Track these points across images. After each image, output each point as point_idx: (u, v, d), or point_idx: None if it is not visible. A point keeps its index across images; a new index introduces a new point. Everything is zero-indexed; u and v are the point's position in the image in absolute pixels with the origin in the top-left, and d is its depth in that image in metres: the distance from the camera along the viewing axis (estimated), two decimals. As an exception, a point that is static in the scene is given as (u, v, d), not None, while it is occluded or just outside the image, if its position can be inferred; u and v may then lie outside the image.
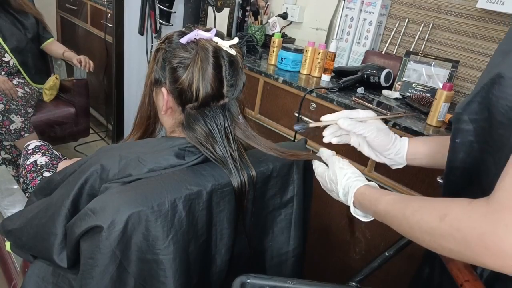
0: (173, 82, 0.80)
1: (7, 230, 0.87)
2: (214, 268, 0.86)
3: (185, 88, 0.79)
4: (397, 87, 1.59)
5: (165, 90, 0.83)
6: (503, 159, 0.54)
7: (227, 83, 0.80)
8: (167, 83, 0.82)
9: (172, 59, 0.80)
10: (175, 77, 0.80)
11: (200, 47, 0.78)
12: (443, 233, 0.53)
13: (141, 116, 0.93)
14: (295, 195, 0.95)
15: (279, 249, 0.97)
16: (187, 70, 0.78)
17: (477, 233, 0.49)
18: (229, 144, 0.82)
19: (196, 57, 0.78)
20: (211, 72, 0.77)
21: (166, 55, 0.82)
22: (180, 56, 0.79)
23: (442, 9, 1.63)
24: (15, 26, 2.14)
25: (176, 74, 0.79)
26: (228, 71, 0.80)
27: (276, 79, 1.67)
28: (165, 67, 0.82)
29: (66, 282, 0.80)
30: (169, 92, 0.82)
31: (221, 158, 0.81)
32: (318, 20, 2.13)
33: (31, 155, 1.33)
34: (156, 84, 0.85)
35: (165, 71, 0.82)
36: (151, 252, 0.71)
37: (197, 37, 0.80)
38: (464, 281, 0.59)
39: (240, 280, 0.68)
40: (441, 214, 0.53)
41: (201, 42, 0.79)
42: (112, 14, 2.06)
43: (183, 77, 0.78)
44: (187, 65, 0.78)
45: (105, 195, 0.72)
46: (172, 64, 0.80)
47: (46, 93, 2.31)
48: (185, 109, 0.82)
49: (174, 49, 0.80)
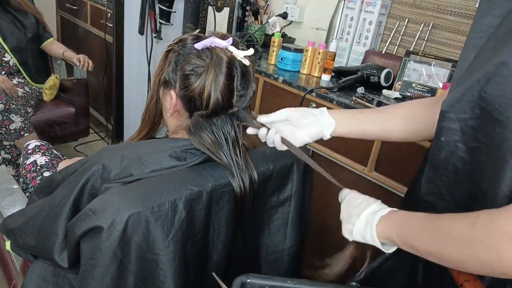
0: (184, 88, 0.80)
1: (8, 229, 0.88)
2: (210, 264, 0.86)
3: (195, 96, 0.79)
4: (397, 86, 1.59)
5: (174, 94, 0.82)
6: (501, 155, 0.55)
7: (238, 93, 0.80)
8: (177, 87, 0.81)
9: (185, 65, 0.79)
10: (186, 84, 0.79)
11: (215, 56, 0.78)
12: (474, 241, 0.51)
13: (149, 115, 0.93)
14: (293, 194, 0.95)
15: (274, 247, 0.98)
16: (199, 79, 0.78)
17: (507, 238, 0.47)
18: (235, 152, 0.82)
19: (210, 66, 0.77)
20: (223, 82, 0.77)
21: (179, 58, 0.81)
22: (194, 63, 0.78)
23: (442, 9, 1.63)
24: (15, 26, 2.14)
25: (187, 80, 0.79)
26: (239, 81, 0.80)
27: (276, 79, 1.67)
28: (176, 71, 0.81)
29: (67, 282, 0.80)
30: (178, 96, 0.82)
31: (226, 165, 0.81)
32: (318, 20, 2.13)
33: (31, 155, 1.33)
34: (164, 85, 0.85)
35: (176, 75, 0.81)
36: (151, 252, 0.71)
37: (212, 44, 0.79)
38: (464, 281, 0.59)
39: (240, 280, 0.68)
40: (472, 222, 0.52)
41: (216, 50, 0.78)
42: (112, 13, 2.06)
43: (194, 85, 0.78)
44: (200, 73, 0.78)
45: (106, 195, 0.72)
46: (185, 70, 0.79)
47: (46, 93, 2.31)
48: (192, 115, 0.82)
49: (187, 54, 0.80)
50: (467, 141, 0.63)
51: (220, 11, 1.87)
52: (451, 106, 0.63)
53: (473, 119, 0.61)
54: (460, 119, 0.63)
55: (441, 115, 0.66)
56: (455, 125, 0.64)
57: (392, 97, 1.57)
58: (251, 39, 2.02)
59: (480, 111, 0.60)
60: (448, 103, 0.64)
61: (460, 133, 0.64)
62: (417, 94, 1.52)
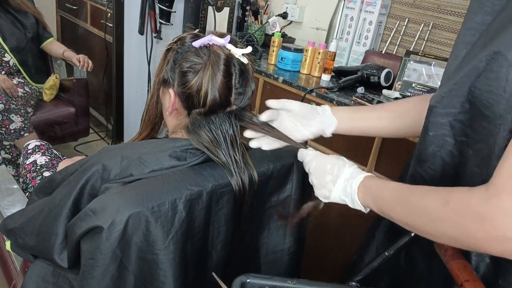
0: (182, 86, 0.80)
1: (8, 229, 0.88)
2: (210, 264, 0.86)
3: (193, 93, 0.79)
4: (397, 86, 1.59)
5: (172, 92, 0.82)
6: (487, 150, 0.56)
7: (236, 91, 0.80)
8: (175, 85, 0.81)
9: (183, 62, 0.79)
10: (184, 81, 0.79)
11: (212, 54, 0.78)
12: (445, 219, 0.54)
13: (149, 115, 0.93)
14: (292, 194, 0.95)
15: (274, 246, 0.98)
16: (197, 76, 0.78)
17: (476, 218, 0.49)
18: (233, 150, 0.82)
19: (207, 63, 0.77)
20: (220, 80, 0.77)
21: (177, 56, 0.81)
22: (191, 61, 0.79)
23: (442, 9, 1.63)
24: (15, 26, 2.14)
25: (185, 78, 0.79)
26: (238, 79, 0.80)
27: (276, 79, 1.67)
28: (175, 69, 0.81)
29: (67, 282, 0.80)
30: (176, 94, 0.82)
31: (224, 163, 0.81)
32: (318, 19, 2.13)
33: (31, 155, 1.33)
34: (163, 84, 0.85)
35: (174, 73, 0.81)
36: (151, 252, 0.71)
37: (210, 42, 0.79)
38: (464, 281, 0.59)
39: (240, 280, 0.68)
40: (444, 200, 0.54)
41: (214, 48, 0.78)
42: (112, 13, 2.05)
43: (192, 82, 0.78)
44: (198, 70, 0.78)
45: (105, 195, 0.72)
46: (182, 68, 0.79)
47: (46, 93, 2.31)
48: (191, 113, 0.82)
49: (185, 52, 0.80)
50: (456, 135, 0.64)
51: (220, 11, 1.87)
52: (440, 101, 0.64)
53: (462, 113, 0.62)
54: (448, 114, 0.63)
55: (429, 110, 0.66)
56: (444, 120, 0.64)
57: (392, 97, 1.56)
58: (251, 39, 2.02)
59: (469, 105, 0.60)
60: (437, 98, 0.65)
61: (449, 127, 0.64)
62: (417, 94, 1.52)
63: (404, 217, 0.62)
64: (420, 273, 0.77)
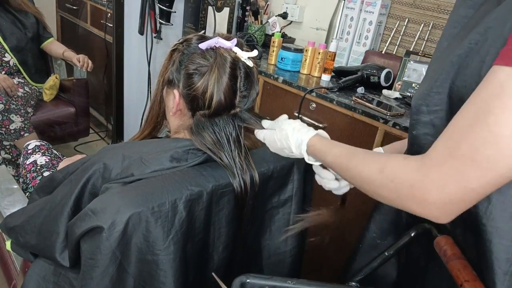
0: (187, 87, 0.80)
1: (9, 227, 0.88)
2: (211, 265, 0.86)
3: (198, 95, 0.79)
4: (397, 86, 1.59)
5: (177, 93, 0.83)
6: None
7: (240, 94, 0.81)
8: (180, 86, 0.82)
9: (189, 64, 0.80)
10: (189, 83, 0.80)
11: (218, 56, 0.78)
12: (380, 184, 0.60)
13: (152, 114, 0.93)
14: (293, 194, 0.95)
15: (276, 248, 0.97)
16: (202, 78, 0.78)
17: (408, 184, 0.55)
18: (236, 152, 0.82)
19: (213, 66, 0.78)
20: (226, 82, 0.78)
21: (183, 58, 0.81)
22: (198, 63, 0.79)
23: (442, 9, 1.63)
24: (15, 26, 2.14)
25: (191, 80, 0.79)
26: (243, 82, 0.80)
27: (276, 79, 1.67)
28: (180, 70, 0.81)
29: (67, 282, 0.80)
30: (181, 95, 0.82)
31: (226, 165, 0.81)
32: (318, 20, 2.13)
33: (31, 155, 1.33)
34: (168, 84, 0.85)
35: (180, 74, 0.81)
36: (151, 253, 0.71)
37: (217, 44, 0.80)
38: (464, 281, 0.59)
39: (240, 280, 0.68)
40: (380, 167, 0.60)
41: (220, 51, 0.79)
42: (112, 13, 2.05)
43: (197, 84, 0.78)
44: (203, 73, 0.78)
45: (106, 195, 0.72)
46: (188, 69, 0.80)
47: (46, 93, 2.31)
48: (195, 115, 0.82)
49: (192, 54, 0.80)
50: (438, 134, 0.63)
51: (220, 11, 1.87)
52: (424, 98, 0.64)
53: (444, 110, 0.62)
54: (430, 112, 0.64)
55: (415, 108, 0.66)
56: (426, 118, 0.65)
57: (392, 97, 1.57)
58: (251, 39, 2.02)
59: (449, 102, 0.61)
60: (421, 96, 0.64)
61: (431, 126, 0.65)
62: (417, 94, 1.52)
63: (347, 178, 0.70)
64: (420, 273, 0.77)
